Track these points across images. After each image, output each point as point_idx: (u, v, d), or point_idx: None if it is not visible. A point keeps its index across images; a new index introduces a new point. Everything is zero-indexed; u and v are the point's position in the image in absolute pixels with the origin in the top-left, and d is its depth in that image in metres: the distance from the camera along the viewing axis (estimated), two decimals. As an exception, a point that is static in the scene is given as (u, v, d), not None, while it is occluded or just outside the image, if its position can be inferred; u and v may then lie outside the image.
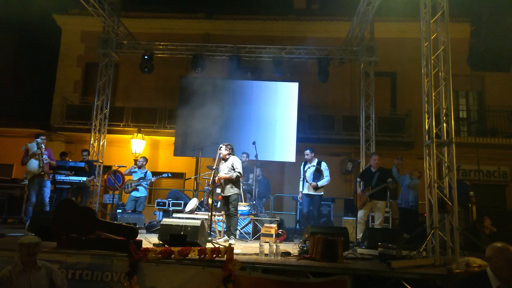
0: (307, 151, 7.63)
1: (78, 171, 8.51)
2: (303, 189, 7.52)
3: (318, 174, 7.39)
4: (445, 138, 5.53)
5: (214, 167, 6.75)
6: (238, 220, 7.48)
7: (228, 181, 6.47)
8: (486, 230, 8.05)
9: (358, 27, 9.77)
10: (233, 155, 6.68)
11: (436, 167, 5.45)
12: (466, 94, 12.64)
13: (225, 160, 6.62)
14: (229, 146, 6.64)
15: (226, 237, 6.34)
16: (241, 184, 8.02)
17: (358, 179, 7.46)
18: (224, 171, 6.52)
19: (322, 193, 7.46)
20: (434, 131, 5.54)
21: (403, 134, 11.60)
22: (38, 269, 3.63)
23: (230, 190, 6.48)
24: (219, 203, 7.64)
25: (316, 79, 10.28)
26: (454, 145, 5.45)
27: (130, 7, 12.71)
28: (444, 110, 5.59)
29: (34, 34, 14.70)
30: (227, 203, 6.49)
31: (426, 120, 5.67)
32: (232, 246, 4.78)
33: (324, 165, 7.48)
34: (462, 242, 5.58)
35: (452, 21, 5.94)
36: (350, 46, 10.31)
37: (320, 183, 7.29)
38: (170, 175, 9.27)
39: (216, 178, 6.50)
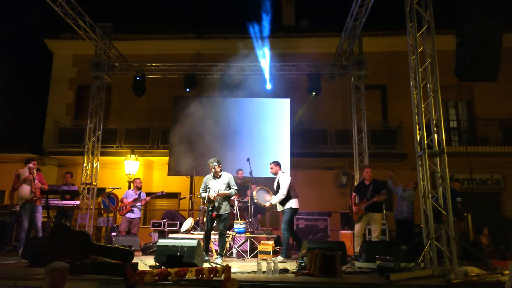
0: (271, 164, 7.08)
1: (72, 195, 8.47)
2: None
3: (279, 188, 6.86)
4: (437, 149, 5.59)
5: (209, 185, 6.66)
6: (235, 238, 7.44)
7: (225, 198, 6.43)
8: (484, 241, 8.07)
9: (346, 42, 9.94)
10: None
11: (429, 177, 5.50)
12: (456, 104, 12.82)
13: (217, 177, 6.54)
14: (220, 162, 6.60)
15: (220, 259, 6.18)
16: (236, 201, 8.00)
17: (354, 193, 7.46)
18: (221, 188, 6.40)
19: (288, 207, 6.72)
20: (426, 142, 5.60)
21: (396, 145, 11.68)
22: None
23: (226, 208, 6.44)
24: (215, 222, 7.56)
25: (307, 94, 10.39)
26: (446, 155, 5.51)
27: (121, 29, 12.84)
28: (434, 121, 5.68)
29: (25, 58, 14.77)
30: (219, 221, 6.40)
31: (417, 132, 5.74)
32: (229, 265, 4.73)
33: (281, 179, 6.84)
34: (459, 252, 5.58)
35: (438, 33, 6.07)
36: (340, 61, 10.46)
37: (273, 201, 6.89)
38: (164, 193, 9.20)
39: (215, 194, 6.34)
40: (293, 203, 6.78)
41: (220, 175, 6.53)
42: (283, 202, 6.78)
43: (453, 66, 6.25)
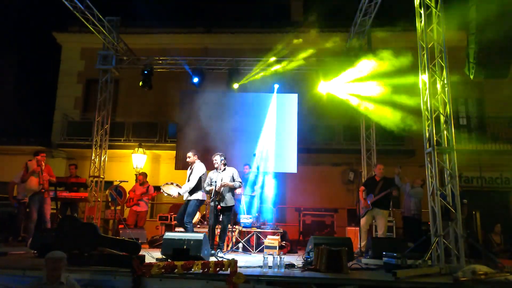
0: (188, 153, 6.86)
1: (79, 187, 8.53)
2: None
3: None
4: (446, 146, 5.53)
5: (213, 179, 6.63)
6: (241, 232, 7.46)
7: (229, 190, 6.45)
8: (496, 239, 7.98)
9: (355, 37, 9.85)
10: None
11: (438, 174, 5.45)
12: (466, 101, 12.67)
13: (222, 170, 6.52)
14: (224, 157, 6.63)
15: (221, 252, 6.20)
16: (243, 196, 8.03)
17: (362, 187, 7.45)
18: (226, 180, 6.43)
19: (195, 198, 6.48)
20: (435, 138, 5.54)
21: (404, 142, 11.59)
22: (60, 284, 3.70)
23: (231, 201, 6.48)
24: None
25: (315, 90, 10.33)
26: (455, 152, 5.45)
27: (130, 23, 12.84)
28: (444, 118, 5.61)
29: (34, 52, 14.85)
30: (220, 214, 6.39)
31: (427, 128, 5.68)
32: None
33: (196, 168, 6.65)
34: (467, 250, 5.53)
35: (448, 29, 5.99)
36: (348, 56, 10.35)
37: (181, 191, 6.64)
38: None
39: (219, 185, 6.34)
40: (200, 195, 6.53)
41: (225, 169, 6.57)
42: (191, 191, 6.51)
43: (463, 63, 6.17)
